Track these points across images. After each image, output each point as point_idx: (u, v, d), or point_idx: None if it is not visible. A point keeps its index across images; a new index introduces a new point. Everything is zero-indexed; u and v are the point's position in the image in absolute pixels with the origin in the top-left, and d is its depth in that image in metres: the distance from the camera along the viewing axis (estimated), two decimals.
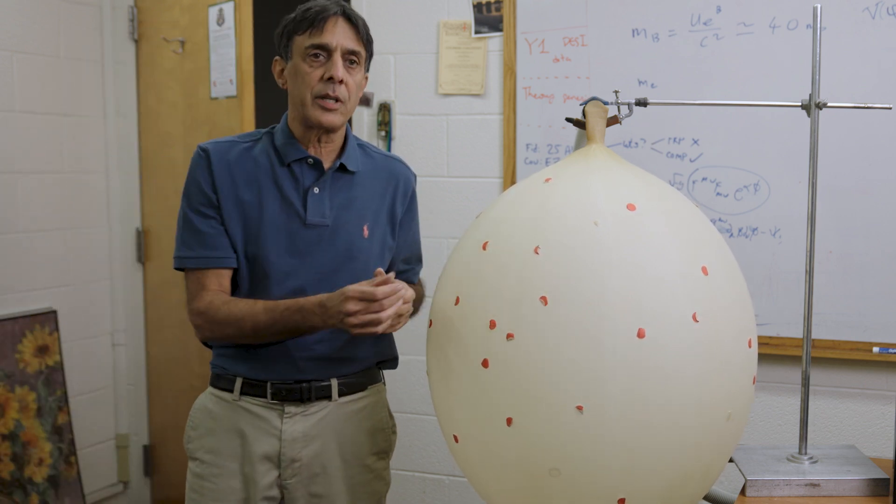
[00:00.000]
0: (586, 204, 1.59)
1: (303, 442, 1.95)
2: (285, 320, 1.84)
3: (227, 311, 1.88)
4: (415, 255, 2.14)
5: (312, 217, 1.92)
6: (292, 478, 1.95)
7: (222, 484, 1.95)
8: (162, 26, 3.60)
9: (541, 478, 1.56)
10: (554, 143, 3.06)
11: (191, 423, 2.02)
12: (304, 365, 1.94)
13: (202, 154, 1.95)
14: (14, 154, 3.30)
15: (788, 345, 2.81)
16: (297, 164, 1.94)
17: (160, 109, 3.64)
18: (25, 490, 3.26)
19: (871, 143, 2.71)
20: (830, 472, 1.83)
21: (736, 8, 2.82)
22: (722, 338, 1.56)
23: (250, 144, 1.97)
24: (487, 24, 3.12)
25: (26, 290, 3.37)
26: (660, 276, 1.53)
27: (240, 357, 1.95)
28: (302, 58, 1.89)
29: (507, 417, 1.55)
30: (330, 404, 1.97)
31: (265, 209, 1.91)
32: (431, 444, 3.31)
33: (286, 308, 1.84)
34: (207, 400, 2.01)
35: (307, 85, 1.88)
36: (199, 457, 1.98)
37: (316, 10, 1.89)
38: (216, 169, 1.92)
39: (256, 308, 1.87)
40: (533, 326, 1.52)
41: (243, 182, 1.92)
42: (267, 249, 1.91)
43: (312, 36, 1.88)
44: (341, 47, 1.88)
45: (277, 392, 1.93)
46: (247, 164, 1.94)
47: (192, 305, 1.92)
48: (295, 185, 1.93)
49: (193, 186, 1.94)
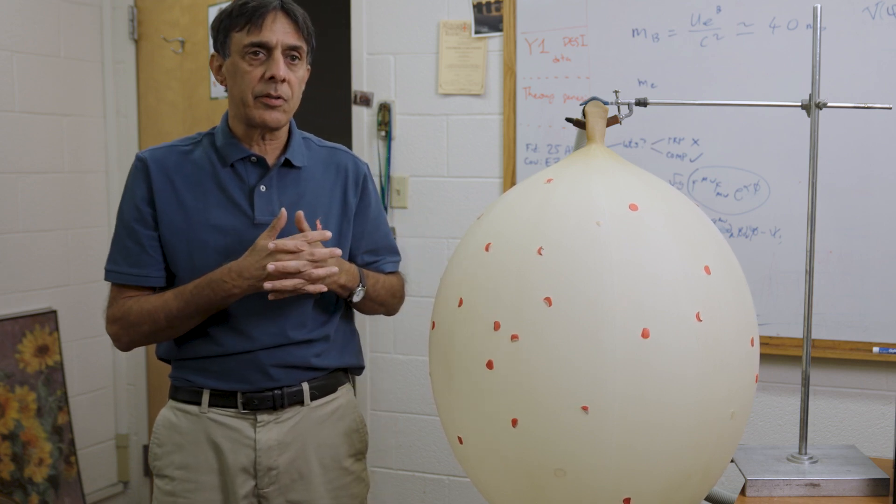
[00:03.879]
0: (588, 204, 1.59)
1: (278, 449, 1.91)
2: (196, 298, 1.82)
3: (139, 308, 1.86)
4: (383, 246, 2.07)
5: (261, 216, 1.87)
6: (269, 486, 1.91)
7: (198, 498, 1.91)
8: (162, 26, 3.60)
9: (546, 478, 1.56)
10: (554, 143, 3.06)
11: (155, 441, 1.97)
12: (274, 372, 1.90)
13: (139, 164, 1.90)
14: (14, 154, 3.30)
15: (788, 345, 2.81)
16: (240, 163, 1.89)
17: (160, 109, 3.64)
18: (25, 490, 3.26)
19: (871, 143, 2.71)
20: (830, 472, 1.83)
21: (736, 8, 2.82)
22: (725, 337, 1.56)
23: (189, 148, 1.92)
24: (487, 24, 3.12)
25: (26, 290, 3.37)
26: (663, 276, 1.53)
27: (206, 369, 1.91)
28: (241, 56, 1.82)
29: (513, 419, 1.55)
30: (303, 409, 1.93)
31: (210, 212, 1.87)
32: (431, 444, 3.31)
33: (195, 286, 1.82)
34: (171, 414, 1.96)
35: (247, 84, 1.82)
36: (169, 474, 1.93)
37: (253, 5, 1.81)
38: (155, 177, 1.88)
39: (166, 296, 1.85)
40: (538, 327, 1.52)
41: (185, 187, 1.87)
42: (215, 253, 1.86)
43: (251, 33, 1.80)
44: (281, 44, 1.81)
45: (249, 401, 1.89)
46: (187, 168, 1.89)
47: (108, 313, 1.91)
48: (240, 185, 1.88)
49: (128, 199, 1.92)
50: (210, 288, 1.81)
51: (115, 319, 1.90)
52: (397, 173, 3.26)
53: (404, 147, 3.26)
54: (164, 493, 1.94)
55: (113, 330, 1.91)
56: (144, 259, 1.89)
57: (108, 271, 1.93)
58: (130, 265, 1.90)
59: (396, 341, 3.31)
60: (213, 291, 1.81)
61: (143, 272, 1.90)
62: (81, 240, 3.59)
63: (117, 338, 1.92)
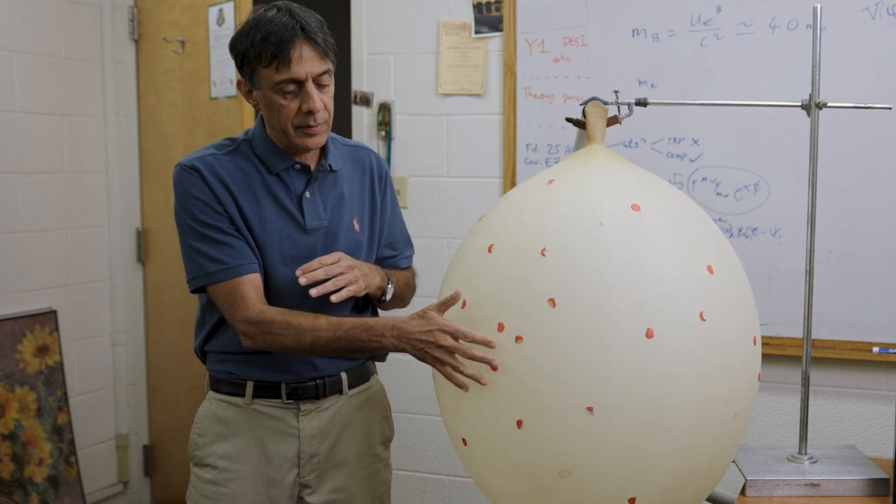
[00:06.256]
0: (590, 205, 1.59)
1: (319, 437, 1.96)
2: (349, 338, 1.78)
3: (286, 322, 1.80)
4: (401, 239, 2.10)
5: (311, 221, 1.90)
6: (311, 473, 1.96)
7: (240, 488, 1.93)
8: (162, 26, 3.60)
9: (551, 479, 1.56)
10: (554, 143, 3.06)
11: (197, 430, 1.99)
12: (319, 362, 1.93)
13: (192, 171, 1.85)
14: (14, 154, 3.30)
15: (788, 345, 2.81)
16: (284, 171, 1.90)
17: (160, 109, 3.64)
18: (25, 490, 3.26)
19: (871, 143, 2.71)
20: (830, 472, 1.84)
21: (736, 8, 2.82)
22: (728, 336, 1.57)
23: (230, 155, 1.90)
24: (487, 24, 3.12)
25: (26, 290, 3.37)
26: (666, 276, 1.53)
27: (251, 362, 1.92)
28: (273, 91, 1.81)
29: (518, 420, 1.55)
30: (341, 398, 1.98)
31: (265, 218, 1.87)
32: (431, 444, 3.31)
33: (352, 326, 1.79)
34: (214, 405, 1.98)
35: (286, 118, 1.82)
36: (211, 462, 1.95)
37: (274, 41, 1.76)
38: (212, 183, 1.85)
39: (319, 322, 1.80)
40: (542, 328, 1.52)
41: (240, 193, 1.86)
42: (273, 260, 1.87)
43: (280, 71, 1.77)
44: (311, 75, 1.79)
45: (293, 392, 1.93)
46: (236, 174, 1.87)
47: (241, 315, 1.82)
48: (287, 193, 1.90)
49: (194, 204, 1.84)
50: (368, 335, 1.78)
51: (252, 321, 1.81)
52: (397, 173, 3.26)
53: (404, 147, 3.26)
54: (203, 481, 1.96)
55: (250, 331, 1.83)
56: (245, 250, 1.85)
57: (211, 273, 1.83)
58: (235, 257, 1.84)
59: None
60: (370, 339, 1.78)
61: (250, 260, 1.84)
62: (81, 240, 3.59)
63: (251, 338, 1.83)
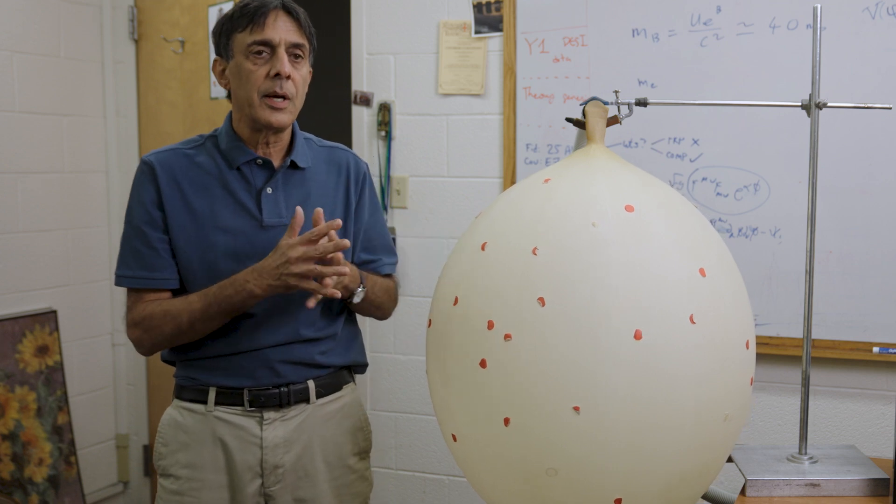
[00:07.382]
0: (585, 205, 1.59)
1: (284, 447, 1.92)
2: (219, 298, 1.81)
3: (161, 310, 1.85)
4: (380, 245, 2.07)
5: (269, 218, 1.88)
6: (276, 484, 1.92)
7: (204, 497, 1.91)
8: (162, 26, 3.60)
9: (538, 478, 1.56)
10: (554, 143, 3.06)
11: (161, 440, 1.97)
12: (281, 368, 1.90)
13: (145, 168, 1.89)
14: (14, 154, 3.30)
15: (788, 345, 2.81)
16: (246, 166, 1.89)
17: (160, 109, 3.64)
18: (25, 490, 3.26)
19: (871, 143, 2.71)
20: (830, 472, 1.83)
21: (736, 8, 2.82)
22: (719, 339, 1.56)
23: (193, 151, 1.92)
24: (487, 24, 3.12)
25: (26, 290, 3.37)
26: (657, 278, 1.52)
27: (213, 367, 1.91)
28: (245, 56, 1.83)
29: (505, 417, 1.55)
30: (308, 407, 1.94)
31: (218, 215, 1.87)
32: (431, 444, 3.31)
33: (218, 287, 1.82)
34: (176, 413, 1.96)
35: (252, 84, 1.83)
36: (175, 472, 1.93)
37: (255, 5, 1.83)
38: (162, 181, 1.87)
39: (190, 298, 1.85)
40: (530, 327, 1.52)
41: (192, 190, 1.88)
42: (225, 256, 1.87)
43: (254, 32, 1.81)
44: (285, 41, 1.82)
45: (255, 399, 1.90)
46: (193, 171, 1.89)
47: (129, 318, 1.90)
48: (247, 188, 1.89)
49: (136, 203, 1.90)
50: (233, 288, 1.81)
51: (136, 323, 1.89)
52: (397, 173, 3.26)
53: (404, 147, 3.26)
54: (169, 492, 1.94)
55: (135, 335, 1.90)
56: (157, 262, 1.89)
57: (121, 276, 1.93)
58: (144, 269, 1.89)
59: (396, 341, 3.31)
60: (236, 291, 1.80)
61: (157, 275, 1.89)
62: (81, 240, 3.59)
63: (139, 342, 1.91)
